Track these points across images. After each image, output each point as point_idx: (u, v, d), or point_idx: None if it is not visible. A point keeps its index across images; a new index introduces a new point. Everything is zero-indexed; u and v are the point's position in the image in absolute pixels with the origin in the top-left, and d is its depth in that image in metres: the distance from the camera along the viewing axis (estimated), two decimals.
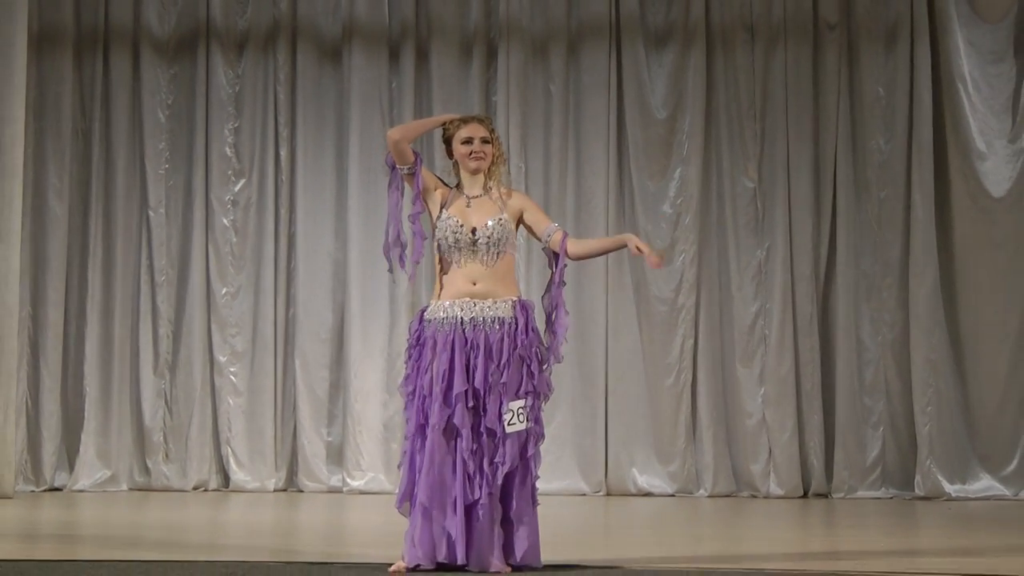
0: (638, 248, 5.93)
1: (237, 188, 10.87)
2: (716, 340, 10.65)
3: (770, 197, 10.66)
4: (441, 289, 5.99)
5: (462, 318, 5.90)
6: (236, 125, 10.89)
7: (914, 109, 10.52)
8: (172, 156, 10.88)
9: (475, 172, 6.07)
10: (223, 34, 10.90)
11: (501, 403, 5.80)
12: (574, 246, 6.07)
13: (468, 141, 6.07)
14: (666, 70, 10.80)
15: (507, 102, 10.74)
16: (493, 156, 6.09)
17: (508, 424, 5.78)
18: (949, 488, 10.29)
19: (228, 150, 10.87)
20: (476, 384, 5.82)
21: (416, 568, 5.77)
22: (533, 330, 5.93)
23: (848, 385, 10.52)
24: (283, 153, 10.87)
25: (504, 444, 5.78)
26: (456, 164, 6.15)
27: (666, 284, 10.65)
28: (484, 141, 6.07)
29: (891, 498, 10.38)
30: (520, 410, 5.81)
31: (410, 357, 6.00)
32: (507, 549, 5.83)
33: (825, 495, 10.45)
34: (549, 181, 10.78)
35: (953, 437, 10.39)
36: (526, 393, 5.85)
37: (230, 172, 10.88)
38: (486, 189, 6.06)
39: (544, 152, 10.81)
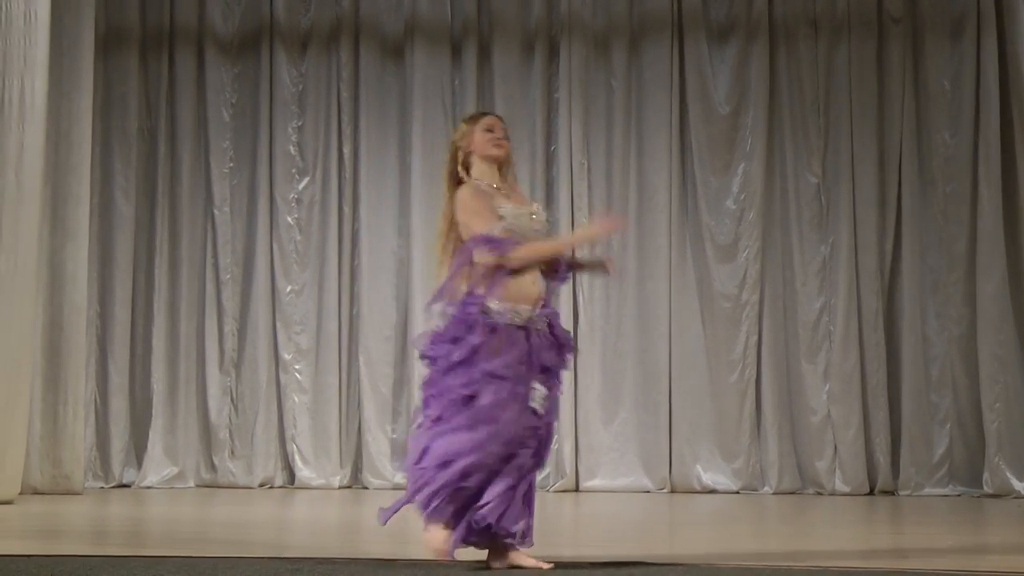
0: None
1: (301, 186, 10.93)
2: (780, 336, 10.60)
3: (834, 192, 10.59)
4: (505, 291, 5.54)
5: (529, 327, 5.59)
6: (300, 123, 10.95)
7: (980, 103, 10.41)
8: (236, 154, 10.96)
9: (495, 161, 5.71)
10: (286, 33, 10.96)
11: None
12: None
13: (490, 129, 5.75)
14: (728, 65, 10.75)
15: (569, 98, 10.73)
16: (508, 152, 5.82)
17: (531, 401, 5.56)
18: (1018, 485, 10.18)
19: (292, 148, 10.93)
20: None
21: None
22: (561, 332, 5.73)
23: (914, 381, 10.43)
24: (346, 151, 10.92)
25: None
26: (467, 166, 5.72)
27: (730, 280, 10.61)
28: (505, 136, 5.78)
29: (959, 495, 10.29)
30: (541, 398, 5.54)
31: (471, 344, 5.53)
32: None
33: (891, 492, 10.37)
34: (611, 177, 10.76)
35: (1022, 434, 10.28)
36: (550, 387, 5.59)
37: (294, 170, 10.94)
38: (506, 181, 5.76)
39: (606, 148, 10.79)
